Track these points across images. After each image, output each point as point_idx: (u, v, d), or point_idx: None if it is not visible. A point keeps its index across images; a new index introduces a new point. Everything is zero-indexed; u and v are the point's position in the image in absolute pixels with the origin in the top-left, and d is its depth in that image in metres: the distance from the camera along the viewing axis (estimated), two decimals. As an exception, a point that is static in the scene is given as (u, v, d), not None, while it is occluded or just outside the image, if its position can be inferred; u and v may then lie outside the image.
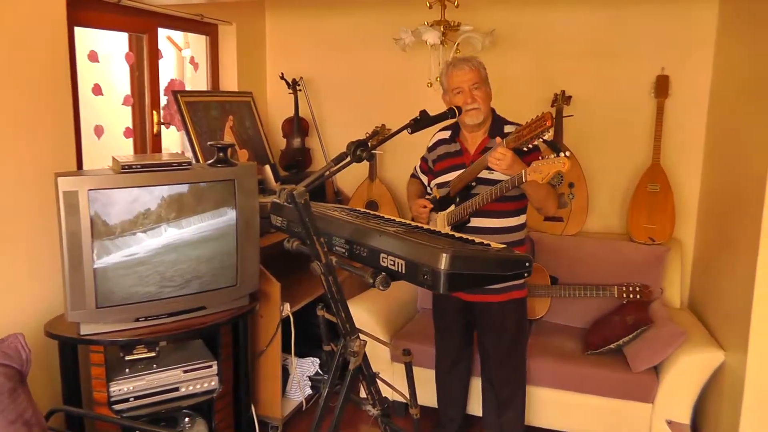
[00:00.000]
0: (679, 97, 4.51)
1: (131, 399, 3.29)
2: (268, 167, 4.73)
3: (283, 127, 5.45)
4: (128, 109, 4.33)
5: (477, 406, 3.94)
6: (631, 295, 4.19)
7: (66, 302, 3.06)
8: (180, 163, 3.32)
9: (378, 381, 2.65)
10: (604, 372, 3.83)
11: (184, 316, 3.39)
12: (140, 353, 3.36)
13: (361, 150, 2.30)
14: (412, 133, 2.75)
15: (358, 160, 2.32)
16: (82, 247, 3.02)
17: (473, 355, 3.87)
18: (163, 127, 4.49)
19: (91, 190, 3.01)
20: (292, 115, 5.37)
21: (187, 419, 3.56)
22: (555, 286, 4.38)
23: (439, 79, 3.54)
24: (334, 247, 2.39)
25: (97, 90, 3.97)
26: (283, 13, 5.50)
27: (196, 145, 4.39)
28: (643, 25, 4.56)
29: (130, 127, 4.33)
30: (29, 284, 3.33)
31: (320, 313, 2.81)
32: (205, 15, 4.72)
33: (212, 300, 3.46)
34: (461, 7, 4.37)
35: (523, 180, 3.01)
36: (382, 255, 2.16)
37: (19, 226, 3.25)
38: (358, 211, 2.81)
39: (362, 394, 2.67)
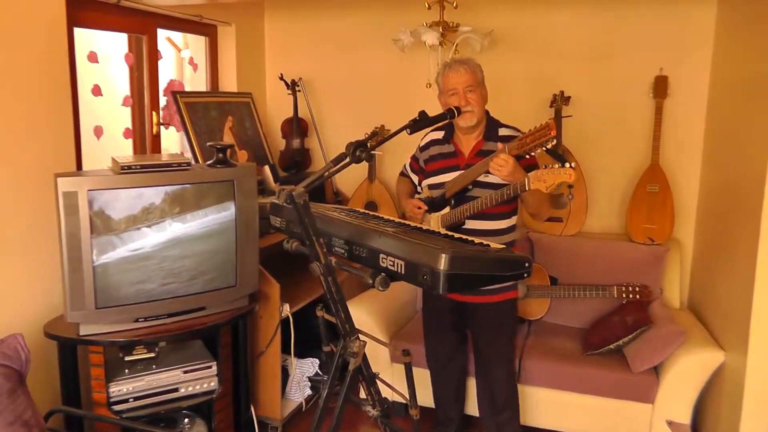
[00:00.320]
0: (678, 98, 4.51)
1: (131, 400, 3.29)
2: (267, 168, 4.73)
3: (283, 128, 5.44)
4: (128, 110, 4.32)
5: (475, 407, 3.92)
6: (631, 296, 4.19)
7: (65, 303, 3.06)
8: (179, 164, 3.32)
9: (378, 381, 2.65)
10: (604, 372, 3.83)
11: (184, 317, 3.38)
12: (140, 354, 3.36)
13: (361, 150, 2.30)
14: (411, 133, 2.77)
15: (358, 161, 2.32)
16: (82, 248, 3.02)
17: (467, 354, 3.86)
18: (162, 127, 4.48)
19: (90, 191, 3.00)
20: (291, 115, 5.37)
21: (186, 420, 3.56)
22: (554, 287, 4.38)
23: (436, 80, 3.53)
24: (333, 248, 2.40)
25: (97, 91, 3.96)
26: (283, 14, 5.50)
27: (196, 146, 4.38)
28: (641, 26, 4.56)
29: (130, 128, 4.32)
30: (29, 285, 3.32)
31: (320, 313, 2.80)
32: (205, 16, 4.71)
33: (212, 300, 3.46)
34: (460, 8, 4.36)
35: (526, 188, 2.99)
36: (382, 255, 2.16)
37: (18, 226, 3.24)
38: (358, 211, 2.81)
39: (362, 394, 2.66)
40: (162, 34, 4.65)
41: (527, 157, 3.12)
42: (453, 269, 1.97)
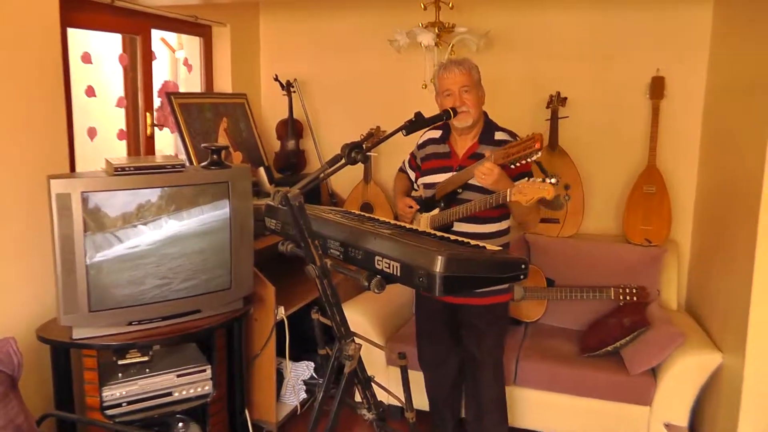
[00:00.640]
0: (675, 99, 4.51)
1: (124, 404, 3.26)
2: (262, 169, 4.69)
3: (278, 129, 5.42)
4: (121, 111, 4.30)
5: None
6: (628, 297, 4.18)
7: (58, 306, 3.03)
8: (173, 166, 3.30)
9: (373, 385, 2.65)
10: (601, 374, 3.82)
11: (178, 320, 3.36)
12: (133, 357, 3.33)
13: (356, 152, 2.31)
14: (407, 134, 2.76)
15: (353, 162, 2.33)
16: (75, 250, 3.00)
17: (461, 356, 3.83)
18: (156, 129, 4.47)
19: (84, 193, 2.98)
20: (286, 116, 5.35)
21: (180, 424, 3.53)
22: (551, 288, 4.37)
23: (432, 81, 3.51)
24: (328, 250, 2.41)
25: (91, 92, 3.95)
26: (278, 15, 5.48)
27: (190, 147, 4.36)
28: (638, 27, 4.55)
29: (124, 129, 4.30)
30: (21, 288, 3.29)
31: (315, 316, 2.80)
32: (199, 16, 4.69)
33: (206, 303, 3.43)
34: (456, 9, 4.36)
35: (507, 200, 2.98)
36: (377, 258, 2.18)
37: (10, 229, 3.22)
38: (353, 213, 2.82)
39: (357, 397, 2.70)
40: (156, 34, 4.64)
41: (518, 165, 3.07)
42: (449, 271, 1.98)
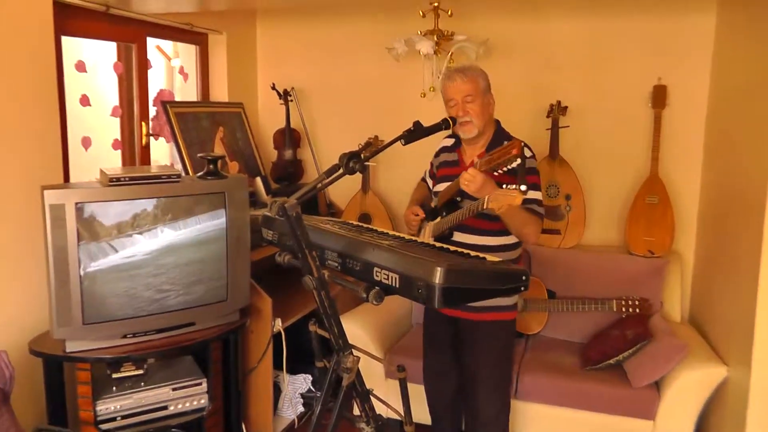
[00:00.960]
0: (677, 108, 4.48)
1: (118, 418, 3.23)
2: (259, 179, 4.70)
3: (275, 139, 5.41)
4: (116, 120, 4.27)
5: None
6: (630, 309, 4.15)
7: (51, 319, 3.00)
8: (169, 176, 3.28)
9: (372, 398, 2.63)
10: (604, 388, 3.79)
11: (173, 332, 3.34)
12: (128, 371, 3.30)
13: (354, 161, 2.31)
14: (405, 144, 2.78)
15: (351, 172, 2.33)
16: (69, 262, 2.97)
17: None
18: (152, 138, 4.44)
19: (78, 204, 2.96)
20: (283, 126, 5.33)
21: (176, 438, 3.50)
22: (552, 300, 4.34)
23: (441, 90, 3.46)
24: (326, 261, 2.41)
25: (85, 101, 3.92)
26: (275, 23, 5.47)
27: (186, 157, 4.34)
28: (639, 35, 4.54)
29: (119, 139, 4.27)
30: (13, 300, 3.26)
31: (312, 328, 2.79)
32: (195, 24, 4.67)
33: (202, 315, 3.41)
34: (455, 16, 4.34)
35: (484, 207, 2.90)
36: (376, 269, 2.16)
37: (3, 240, 3.19)
38: (351, 224, 2.81)
39: (356, 411, 2.67)
40: (152, 42, 4.62)
41: (500, 172, 2.95)
42: (448, 283, 1.98)
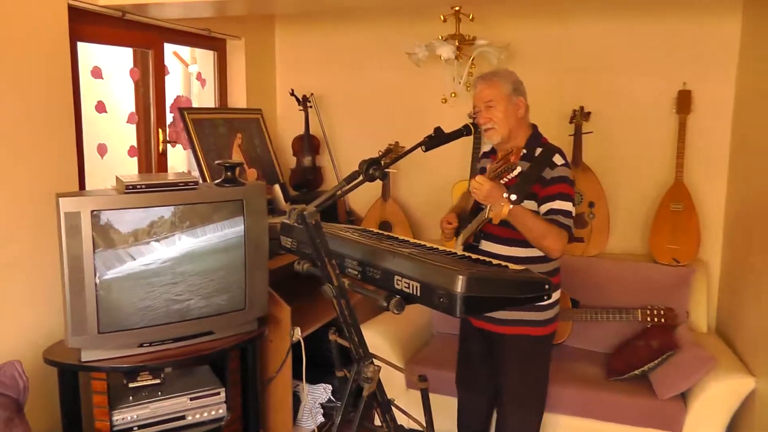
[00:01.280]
0: (702, 113, 4.42)
1: (135, 428, 3.23)
2: (277, 187, 4.70)
3: (293, 145, 5.41)
4: (133, 127, 4.28)
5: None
6: (656, 319, 4.09)
7: (66, 328, 2.99)
8: (186, 183, 3.27)
9: (393, 408, 2.64)
10: (629, 399, 3.72)
11: (191, 341, 3.33)
12: (144, 380, 3.28)
13: (374, 168, 2.33)
14: (426, 150, 2.76)
15: (371, 179, 2.33)
16: (84, 270, 2.96)
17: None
18: (168, 145, 4.45)
19: (93, 211, 2.95)
20: (302, 132, 5.33)
21: (193, 449, 3.49)
22: (576, 309, 4.28)
23: None
24: (346, 269, 2.39)
25: (101, 107, 3.94)
26: (294, 28, 5.46)
27: (203, 164, 4.35)
28: (663, 39, 4.48)
29: (135, 146, 4.28)
30: (28, 309, 3.26)
31: (332, 337, 2.82)
32: (213, 29, 4.67)
33: (220, 324, 3.40)
34: (476, 21, 4.33)
35: (485, 216, 2.89)
36: (396, 277, 2.16)
37: (18, 248, 3.19)
38: (371, 231, 2.81)
39: (377, 421, 2.74)
40: (169, 48, 4.63)
41: (505, 180, 2.90)
42: (470, 291, 1.97)
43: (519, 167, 2.76)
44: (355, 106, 5.38)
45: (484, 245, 3.25)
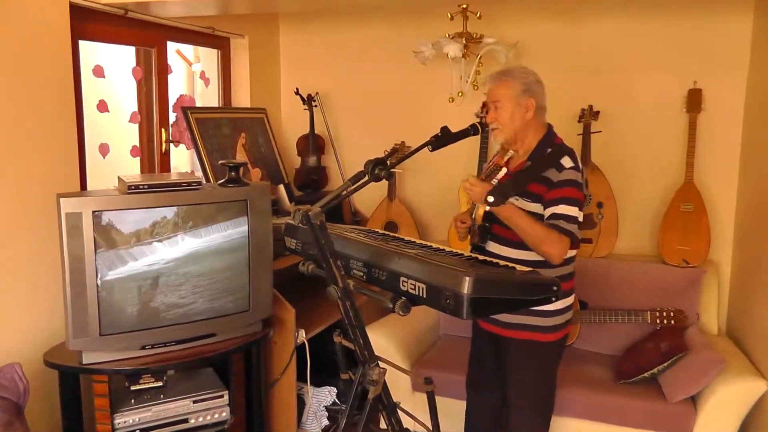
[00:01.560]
0: (713, 112, 4.38)
1: (137, 431, 3.20)
2: (281, 187, 4.68)
3: (298, 145, 5.39)
4: (135, 127, 4.26)
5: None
6: (665, 321, 4.06)
7: (67, 329, 2.96)
8: (189, 183, 3.25)
9: (399, 411, 2.64)
10: (638, 402, 3.70)
11: (193, 343, 3.30)
12: (146, 383, 3.25)
13: (380, 168, 2.32)
14: (433, 150, 2.74)
15: (377, 179, 2.33)
16: (86, 272, 2.94)
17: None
18: (171, 145, 4.44)
19: (95, 212, 2.93)
20: (307, 132, 5.31)
21: (196, 452, 3.48)
22: (584, 311, 4.25)
23: None
24: (351, 271, 2.39)
25: (103, 106, 3.93)
26: (298, 26, 5.45)
27: (207, 164, 4.34)
28: (673, 38, 4.45)
29: (137, 146, 4.26)
30: (28, 310, 3.24)
31: (337, 339, 2.80)
32: (217, 28, 4.66)
33: (223, 326, 3.37)
34: (484, 19, 4.30)
35: (473, 216, 2.94)
36: (402, 279, 2.16)
37: (18, 249, 3.17)
38: (377, 232, 2.82)
39: (382, 424, 2.67)
40: (172, 47, 4.62)
41: (496, 180, 2.94)
42: (477, 293, 1.96)
43: (505, 168, 2.84)
44: (360, 106, 5.36)
45: (492, 247, 3.20)
